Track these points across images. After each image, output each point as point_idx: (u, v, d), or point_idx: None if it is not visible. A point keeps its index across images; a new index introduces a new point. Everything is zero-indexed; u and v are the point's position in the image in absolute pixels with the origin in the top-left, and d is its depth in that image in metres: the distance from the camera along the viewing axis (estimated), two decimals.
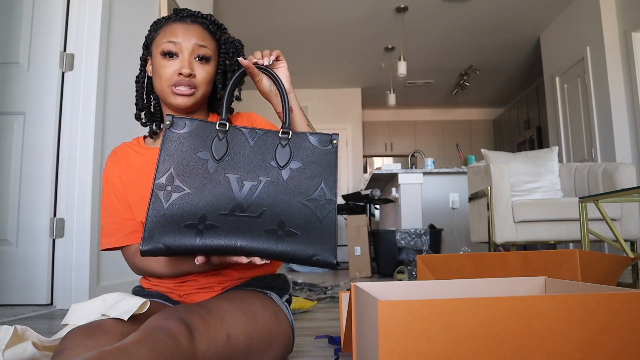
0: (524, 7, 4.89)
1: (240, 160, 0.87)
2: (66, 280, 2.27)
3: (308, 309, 1.98)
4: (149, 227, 0.81)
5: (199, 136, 0.88)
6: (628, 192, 1.76)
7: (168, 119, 0.88)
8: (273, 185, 0.86)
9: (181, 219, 0.81)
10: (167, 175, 0.84)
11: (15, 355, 0.82)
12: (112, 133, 2.54)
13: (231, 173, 0.86)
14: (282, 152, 0.88)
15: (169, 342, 0.71)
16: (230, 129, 0.89)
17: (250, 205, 0.84)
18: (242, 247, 0.81)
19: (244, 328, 0.87)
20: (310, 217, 0.85)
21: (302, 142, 0.90)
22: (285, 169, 0.87)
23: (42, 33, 2.37)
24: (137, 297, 0.85)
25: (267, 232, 0.82)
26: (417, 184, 4.45)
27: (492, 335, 0.59)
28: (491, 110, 8.57)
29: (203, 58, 1.00)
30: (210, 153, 0.87)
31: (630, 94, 4.09)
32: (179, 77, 0.98)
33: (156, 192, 0.83)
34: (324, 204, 0.86)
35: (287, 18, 5.16)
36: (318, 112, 7.45)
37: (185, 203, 0.82)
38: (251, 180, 0.86)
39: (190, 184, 0.84)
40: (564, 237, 2.86)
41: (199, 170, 0.85)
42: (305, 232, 0.83)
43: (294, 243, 0.82)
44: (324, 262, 0.83)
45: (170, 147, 0.86)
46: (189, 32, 0.99)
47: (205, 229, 0.81)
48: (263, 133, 0.90)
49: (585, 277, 1.19)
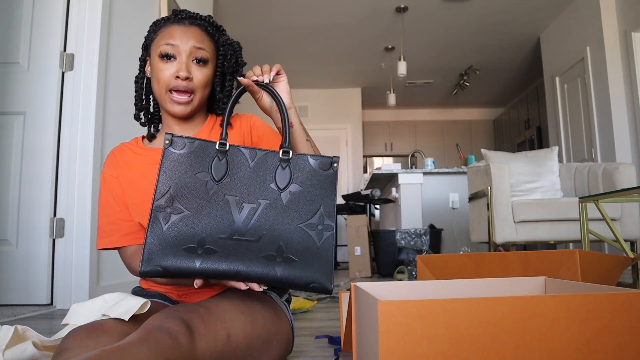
0: (524, 7, 4.89)
1: (240, 182, 0.87)
2: (66, 280, 2.27)
3: (308, 309, 1.98)
4: (147, 248, 0.81)
5: (199, 156, 0.87)
6: (628, 192, 1.76)
7: (167, 138, 0.87)
8: (272, 209, 0.86)
9: (180, 241, 0.81)
10: (167, 196, 0.84)
11: (15, 355, 0.82)
12: (112, 133, 2.54)
13: (230, 195, 0.85)
14: (282, 174, 0.88)
15: (169, 341, 0.71)
16: (231, 148, 0.88)
17: (250, 228, 0.84)
18: (240, 272, 0.81)
19: (243, 327, 0.87)
20: (308, 242, 0.85)
21: (302, 165, 0.89)
22: (285, 192, 0.87)
23: (42, 33, 2.37)
24: (138, 298, 0.85)
25: (266, 258, 0.82)
26: (417, 184, 4.45)
27: (492, 335, 0.59)
28: (491, 110, 8.57)
29: (201, 60, 0.99)
30: (209, 174, 0.86)
31: (630, 94, 4.09)
32: (176, 80, 0.97)
33: (155, 213, 0.83)
34: (322, 229, 0.86)
35: (287, 18, 5.16)
36: (318, 112, 7.45)
37: (184, 225, 0.82)
38: (250, 203, 0.85)
39: (189, 206, 0.84)
40: (564, 237, 2.87)
41: (198, 191, 0.85)
42: (303, 258, 0.83)
43: (292, 269, 0.82)
44: (321, 289, 0.83)
45: (169, 166, 0.86)
46: (187, 34, 0.99)
47: (205, 253, 0.81)
48: (263, 154, 0.89)
49: (585, 277, 1.19)
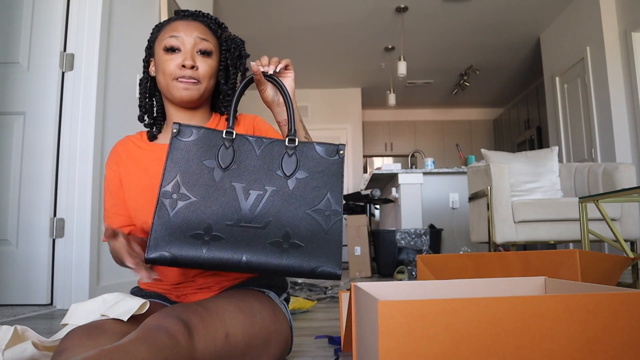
0: (524, 7, 4.89)
1: (247, 169, 0.87)
2: (66, 280, 2.27)
3: (308, 309, 1.98)
4: (154, 235, 0.80)
5: (206, 144, 0.87)
6: (628, 192, 1.76)
7: (175, 127, 0.87)
8: (279, 195, 0.85)
9: (187, 228, 0.81)
10: (173, 183, 0.84)
11: (15, 355, 0.82)
12: (112, 133, 2.54)
13: (237, 182, 0.85)
14: (288, 161, 0.88)
15: (167, 340, 0.71)
16: (237, 137, 0.89)
17: (256, 215, 0.83)
18: (246, 261, 0.80)
19: (242, 326, 0.87)
20: (315, 228, 0.84)
21: (308, 152, 0.89)
22: (292, 178, 0.87)
23: (42, 33, 2.37)
24: (137, 298, 0.85)
25: (273, 245, 0.82)
26: (417, 184, 4.45)
27: (492, 335, 0.59)
28: (491, 110, 8.57)
29: (205, 52, 1.01)
30: (216, 161, 0.86)
31: (630, 94, 4.09)
32: (182, 70, 0.98)
33: (162, 200, 0.82)
34: (329, 215, 0.86)
35: (287, 18, 5.16)
36: (318, 112, 7.45)
37: (191, 212, 0.82)
38: (257, 190, 0.85)
39: (196, 192, 0.84)
40: (564, 237, 2.86)
41: (205, 178, 0.85)
42: (310, 243, 0.83)
43: (299, 256, 0.82)
44: (329, 274, 0.82)
45: (176, 155, 0.86)
46: (190, 27, 1.01)
47: (211, 239, 0.80)
48: (270, 142, 0.89)
49: (585, 277, 1.19)
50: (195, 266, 0.81)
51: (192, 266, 0.81)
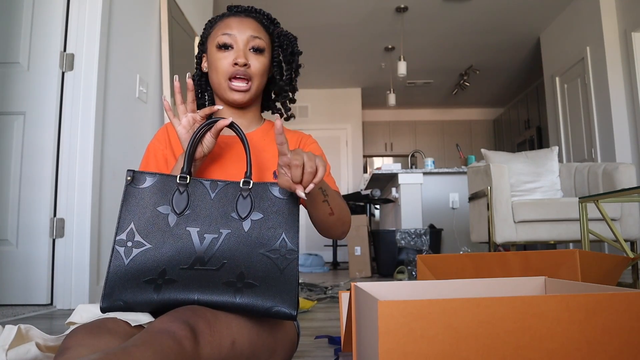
0: (524, 7, 4.89)
1: (201, 213, 0.87)
2: (66, 280, 2.27)
3: (308, 309, 1.98)
4: (109, 283, 0.81)
5: (161, 190, 0.88)
6: (628, 192, 1.76)
7: (129, 175, 0.88)
8: (234, 237, 0.86)
9: (141, 274, 0.82)
10: (128, 231, 0.85)
11: (18, 355, 0.82)
12: (112, 133, 2.54)
13: (192, 226, 0.86)
14: (243, 203, 0.88)
15: (173, 345, 0.70)
16: (192, 181, 0.89)
17: (211, 258, 0.84)
18: (198, 300, 0.80)
19: (249, 334, 0.85)
20: (270, 268, 0.84)
21: (263, 193, 0.89)
22: (247, 220, 0.87)
23: (42, 33, 2.37)
24: (146, 314, 0.85)
25: (226, 285, 0.81)
26: (417, 184, 4.45)
27: (492, 335, 0.59)
28: (491, 110, 8.57)
29: (257, 49, 1.02)
30: (171, 207, 0.87)
31: (630, 94, 4.09)
32: (234, 67, 0.99)
33: (117, 248, 0.84)
34: (285, 254, 0.86)
35: (287, 18, 5.16)
36: (318, 112, 7.45)
37: (146, 258, 0.83)
38: (212, 233, 0.86)
39: (150, 240, 0.84)
40: (564, 237, 2.87)
41: (159, 224, 0.86)
42: (264, 283, 0.82)
43: (253, 295, 0.81)
44: (284, 314, 0.81)
45: (131, 202, 0.87)
46: (243, 24, 1.02)
47: (164, 283, 0.81)
48: (224, 185, 0.90)
49: (585, 277, 1.20)
50: (149, 309, 0.82)
51: (146, 310, 0.82)
